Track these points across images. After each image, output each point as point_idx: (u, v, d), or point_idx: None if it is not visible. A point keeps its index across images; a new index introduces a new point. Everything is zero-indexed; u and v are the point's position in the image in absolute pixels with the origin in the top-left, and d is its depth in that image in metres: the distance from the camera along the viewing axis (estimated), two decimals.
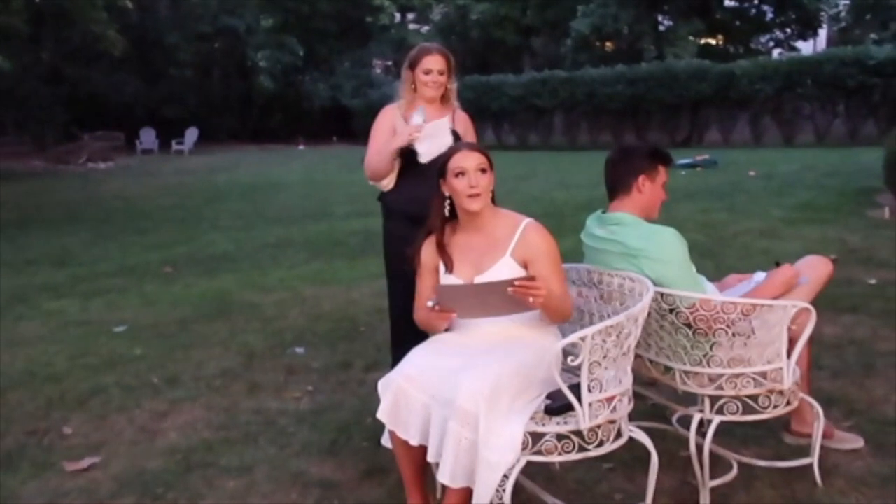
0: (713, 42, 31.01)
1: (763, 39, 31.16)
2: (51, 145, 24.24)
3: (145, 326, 5.05)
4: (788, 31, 29.90)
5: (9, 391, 3.84)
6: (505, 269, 2.37)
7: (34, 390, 3.84)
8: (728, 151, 16.91)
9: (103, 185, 16.77)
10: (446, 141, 3.03)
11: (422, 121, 3.09)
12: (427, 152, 3.02)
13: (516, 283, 2.20)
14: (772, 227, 7.47)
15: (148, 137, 26.76)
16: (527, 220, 2.44)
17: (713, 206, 8.86)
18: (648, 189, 2.57)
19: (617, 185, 2.60)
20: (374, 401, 3.48)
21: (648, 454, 2.27)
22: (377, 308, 5.08)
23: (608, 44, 30.64)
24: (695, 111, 21.56)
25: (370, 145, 3.17)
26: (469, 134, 3.24)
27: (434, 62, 3.14)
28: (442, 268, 2.48)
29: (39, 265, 7.72)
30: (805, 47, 30.16)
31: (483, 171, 2.41)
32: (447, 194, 2.47)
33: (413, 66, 3.16)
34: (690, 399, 2.58)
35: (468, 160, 2.41)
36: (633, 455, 2.57)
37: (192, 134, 26.69)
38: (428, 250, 2.54)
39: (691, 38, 30.79)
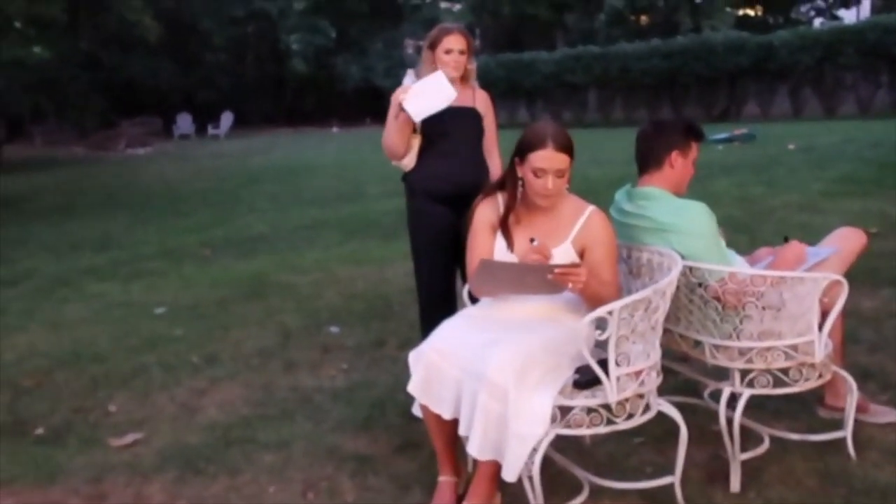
0: (751, 13, 30.33)
1: (803, 9, 30.37)
2: (90, 132, 24.72)
3: (185, 307, 5.17)
4: None
5: (56, 371, 3.98)
6: (561, 255, 2.35)
7: (80, 370, 3.97)
8: (767, 125, 16.59)
9: (142, 170, 17.08)
10: (444, 96, 2.96)
11: (411, 82, 3.07)
12: (418, 111, 2.94)
13: (558, 270, 2.18)
14: (811, 200, 7.33)
15: (184, 122, 27.14)
16: (591, 208, 2.42)
17: (750, 180, 8.72)
18: (680, 165, 2.55)
19: (648, 159, 2.57)
20: (407, 377, 3.52)
21: (679, 428, 2.27)
22: (410, 287, 5.08)
23: (643, 17, 30.13)
24: (732, 84, 21.16)
25: (385, 125, 3.18)
26: (489, 113, 3.24)
27: (454, 42, 3.13)
28: (502, 243, 2.44)
29: (82, 249, 7.91)
30: (847, 16, 29.31)
31: (561, 174, 2.33)
32: (520, 175, 2.39)
33: (433, 46, 3.16)
34: (722, 374, 2.58)
35: (551, 162, 2.30)
36: (663, 429, 2.57)
37: (227, 118, 26.99)
38: (486, 210, 2.49)
39: (728, 9, 30.12)
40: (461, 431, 2.21)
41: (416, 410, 2.44)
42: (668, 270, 2.29)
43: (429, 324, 3.30)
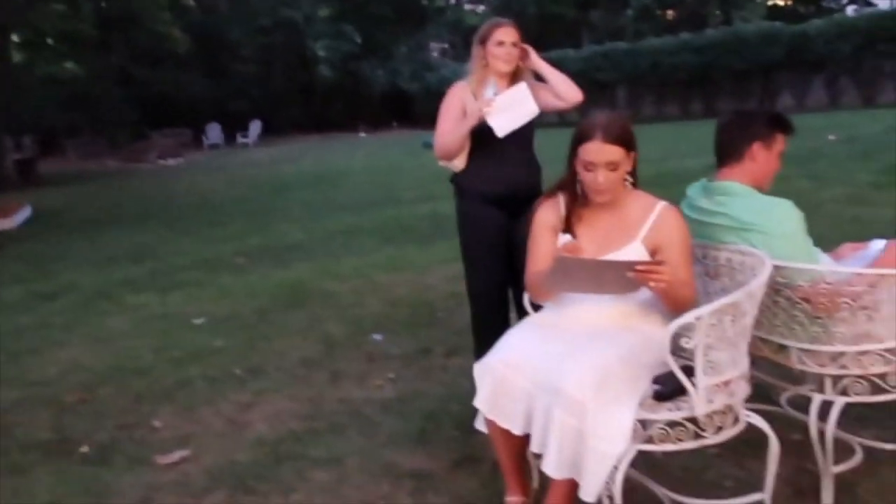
0: (781, 3, 29.85)
1: None
2: (123, 145, 24.99)
3: (224, 318, 5.09)
4: None
5: (99, 386, 3.90)
6: (632, 254, 2.19)
7: (123, 384, 3.89)
8: (803, 116, 16.18)
9: (174, 181, 17.17)
10: (527, 110, 2.90)
11: (493, 94, 2.97)
12: (503, 126, 2.88)
13: (639, 266, 2.03)
14: (860, 192, 7.10)
15: (214, 132, 27.31)
16: (662, 204, 2.25)
17: (793, 173, 8.43)
18: (763, 158, 2.36)
19: (727, 151, 2.39)
20: (459, 387, 3.40)
21: (757, 437, 2.11)
22: (452, 293, 4.99)
23: (670, 12, 29.79)
24: (766, 76, 20.76)
25: (439, 125, 3.05)
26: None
27: (506, 34, 3.03)
28: (563, 237, 2.28)
29: (119, 261, 7.90)
30: (881, 2, 28.67)
31: (614, 168, 2.16)
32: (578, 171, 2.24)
33: (484, 41, 3.06)
34: (799, 377, 2.40)
35: (600, 155, 2.14)
36: (739, 438, 2.40)
37: (255, 127, 27.13)
38: (546, 212, 2.34)
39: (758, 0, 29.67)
40: (534, 448, 2.06)
41: (480, 425, 2.29)
42: (752, 270, 2.12)
43: (482, 331, 3.18)
